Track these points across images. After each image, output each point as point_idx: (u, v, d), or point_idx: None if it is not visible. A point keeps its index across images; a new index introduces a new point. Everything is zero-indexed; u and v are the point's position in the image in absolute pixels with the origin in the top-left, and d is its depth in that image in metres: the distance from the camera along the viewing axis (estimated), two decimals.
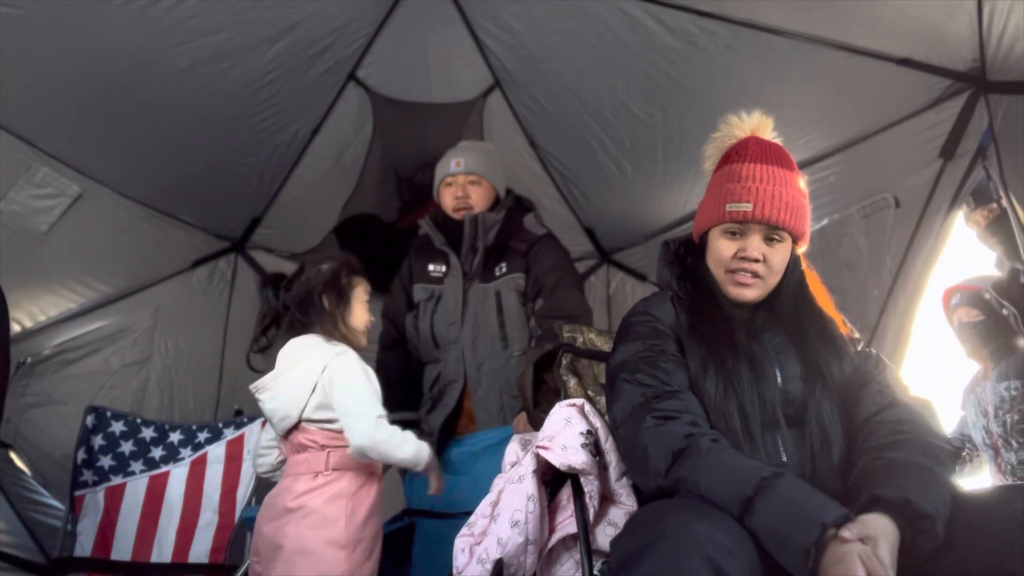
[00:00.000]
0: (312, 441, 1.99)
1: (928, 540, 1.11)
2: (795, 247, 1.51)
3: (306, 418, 1.99)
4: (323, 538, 1.88)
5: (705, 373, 1.40)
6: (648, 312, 1.53)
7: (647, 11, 2.67)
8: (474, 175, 2.74)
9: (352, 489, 1.97)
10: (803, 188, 1.51)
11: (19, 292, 2.98)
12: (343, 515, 1.92)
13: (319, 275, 2.13)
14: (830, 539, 1.06)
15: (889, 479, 1.18)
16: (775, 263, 1.45)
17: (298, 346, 2.06)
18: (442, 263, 2.73)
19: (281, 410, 2.00)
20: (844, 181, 2.93)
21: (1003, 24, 2.22)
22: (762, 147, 1.52)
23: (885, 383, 1.42)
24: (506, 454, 1.57)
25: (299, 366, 2.01)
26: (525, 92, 3.28)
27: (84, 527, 2.70)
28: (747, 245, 1.45)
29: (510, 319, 2.60)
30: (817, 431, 1.35)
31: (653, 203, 3.37)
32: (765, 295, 1.48)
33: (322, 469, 1.96)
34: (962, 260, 3.25)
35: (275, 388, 2.01)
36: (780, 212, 1.43)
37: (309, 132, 3.39)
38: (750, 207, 1.44)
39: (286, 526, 1.90)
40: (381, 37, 3.19)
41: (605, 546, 1.40)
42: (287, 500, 1.94)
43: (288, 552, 1.87)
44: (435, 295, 2.69)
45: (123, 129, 2.87)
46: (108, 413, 2.87)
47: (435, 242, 2.74)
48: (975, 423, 2.96)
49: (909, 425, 1.32)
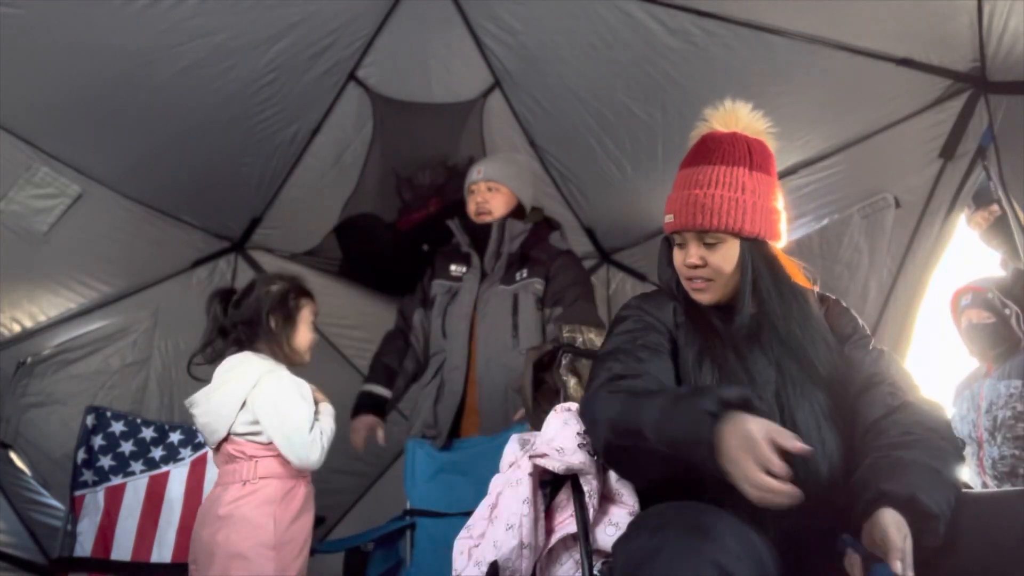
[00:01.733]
0: (240, 452, 2.08)
1: (930, 539, 1.11)
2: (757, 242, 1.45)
3: (234, 432, 2.08)
4: (253, 542, 1.99)
5: (700, 371, 1.40)
6: (641, 307, 1.53)
7: (647, 11, 2.67)
8: (493, 182, 2.91)
9: (279, 494, 2.07)
10: (754, 181, 1.44)
11: (19, 292, 2.99)
12: (271, 519, 2.03)
13: (268, 296, 2.20)
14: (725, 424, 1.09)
15: (896, 476, 1.17)
16: (717, 264, 1.44)
17: (233, 363, 2.13)
18: (463, 264, 2.91)
19: (211, 424, 2.09)
20: (844, 181, 2.93)
21: (1003, 24, 2.22)
22: (701, 147, 1.50)
23: (896, 384, 1.40)
24: (504, 454, 1.57)
25: (229, 383, 2.08)
26: (525, 92, 3.28)
27: (84, 527, 2.70)
28: (686, 253, 1.46)
29: (524, 319, 2.73)
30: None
31: (653, 203, 3.37)
32: (726, 296, 1.47)
33: (250, 478, 2.06)
34: (968, 261, 3.26)
35: (206, 404, 2.10)
36: (696, 216, 1.42)
37: (309, 132, 3.38)
38: (672, 218, 1.47)
39: (218, 533, 2.00)
40: (381, 37, 3.19)
41: (605, 546, 1.39)
42: (218, 508, 2.03)
43: (222, 557, 1.98)
44: (452, 291, 2.86)
45: (123, 129, 2.87)
46: (108, 413, 2.86)
47: (460, 243, 2.93)
48: (964, 416, 2.98)
49: (919, 427, 1.30)
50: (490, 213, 2.88)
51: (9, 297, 2.96)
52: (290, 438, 2.05)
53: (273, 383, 2.09)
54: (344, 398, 3.53)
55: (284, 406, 2.08)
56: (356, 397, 2.88)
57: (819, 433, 1.33)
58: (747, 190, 1.43)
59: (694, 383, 1.40)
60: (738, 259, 1.44)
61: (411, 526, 2.66)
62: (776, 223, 1.48)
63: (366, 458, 3.54)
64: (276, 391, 2.09)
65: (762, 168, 1.47)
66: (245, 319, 2.17)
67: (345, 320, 3.85)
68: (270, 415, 2.06)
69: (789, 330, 1.42)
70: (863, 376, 1.42)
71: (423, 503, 2.67)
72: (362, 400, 2.86)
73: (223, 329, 2.20)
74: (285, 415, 2.07)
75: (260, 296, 2.19)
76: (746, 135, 1.50)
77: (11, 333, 3.01)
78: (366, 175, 3.58)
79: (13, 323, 3.01)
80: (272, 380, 2.09)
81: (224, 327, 2.19)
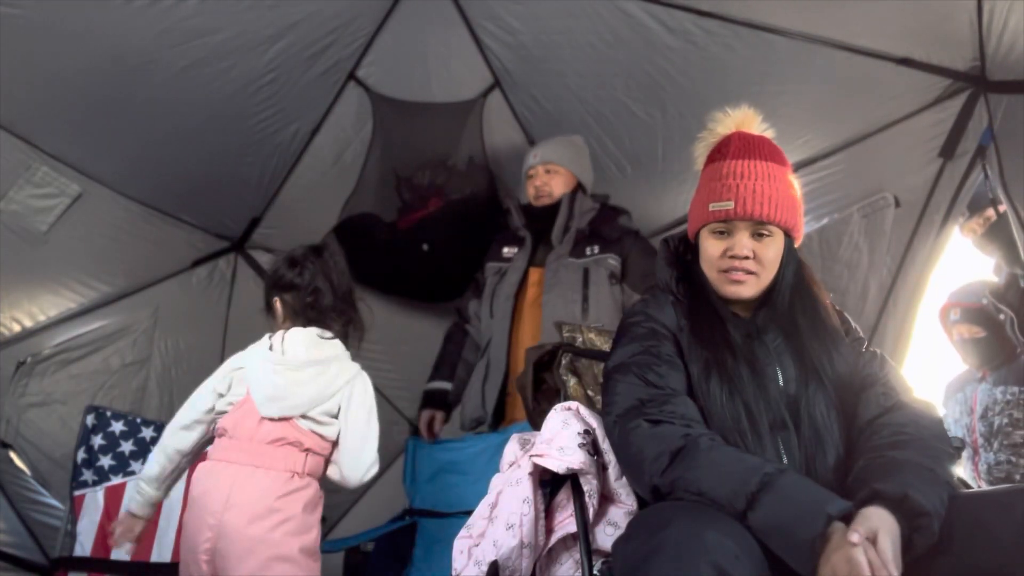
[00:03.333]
0: (298, 441, 1.90)
1: (924, 537, 1.11)
2: (792, 240, 1.49)
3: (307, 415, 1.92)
4: (300, 545, 1.82)
5: (708, 376, 1.40)
6: (646, 313, 1.52)
7: (647, 11, 2.67)
8: (550, 164, 2.89)
9: (319, 498, 1.94)
10: (792, 180, 1.49)
11: (19, 292, 2.99)
12: (316, 523, 1.89)
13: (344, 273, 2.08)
14: (833, 532, 1.06)
15: (889, 475, 1.18)
16: (766, 258, 1.44)
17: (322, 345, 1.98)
18: (516, 246, 2.89)
19: (291, 399, 1.89)
20: (844, 181, 2.93)
21: (1003, 24, 2.23)
22: (745, 141, 1.51)
23: (889, 385, 1.41)
24: (504, 454, 1.57)
25: (325, 370, 1.94)
26: (525, 92, 3.29)
27: (84, 527, 2.70)
28: (735, 243, 1.44)
29: (596, 293, 2.67)
30: (810, 432, 1.34)
31: (653, 203, 3.37)
32: (762, 291, 1.47)
33: (299, 470, 1.88)
34: (964, 266, 3.25)
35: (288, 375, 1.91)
36: (763, 206, 1.42)
37: (309, 132, 3.38)
38: (731, 204, 1.43)
39: (263, 524, 1.79)
40: (381, 37, 3.19)
41: (605, 546, 1.39)
42: (267, 499, 1.81)
43: (265, 555, 1.77)
44: (501, 271, 2.85)
45: (123, 129, 2.87)
46: (108, 413, 2.86)
47: (516, 222, 2.91)
48: (957, 420, 2.96)
49: (912, 427, 1.31)
50: (550, 195, 2.85)
51: (9, 297, 2.96)
52: (363, 450, 1.91)
53: (365, 386, 1.97)
54: None
55: (373, 418, 1.96)
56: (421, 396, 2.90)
57: (829, 423, 1.35)
58: (793, 189, 1.49)
59: (702, 388, 1.40)
60: (782, 256, 1.46)
61: (411, 526, 2.66)
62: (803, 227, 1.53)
63: None
64: (369, 398, 1.96)
65: (792, 174, 1.52)
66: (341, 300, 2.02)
67: None
68: (361, 420, 1.93)
69: (813, 327, 1.45)
70: (858, 377, 1.44)
71: (423, 503, 2.67)
72: (424, 398, 2.87)
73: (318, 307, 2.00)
74: (371, 426, 1.94)
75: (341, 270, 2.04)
76: None
77: (11, 333, 3.01)
78: (366, 175, 3.58)
79: (13, 323, 3.01)
80: (364, 383, 1.97)
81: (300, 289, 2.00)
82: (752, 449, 1.31)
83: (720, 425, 1.35)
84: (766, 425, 1.34)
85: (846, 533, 1.05)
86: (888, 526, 1.08)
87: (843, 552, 1.03)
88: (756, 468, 1.17)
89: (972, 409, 2.90)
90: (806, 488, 1.14)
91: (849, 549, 1.03)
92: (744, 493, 1.13)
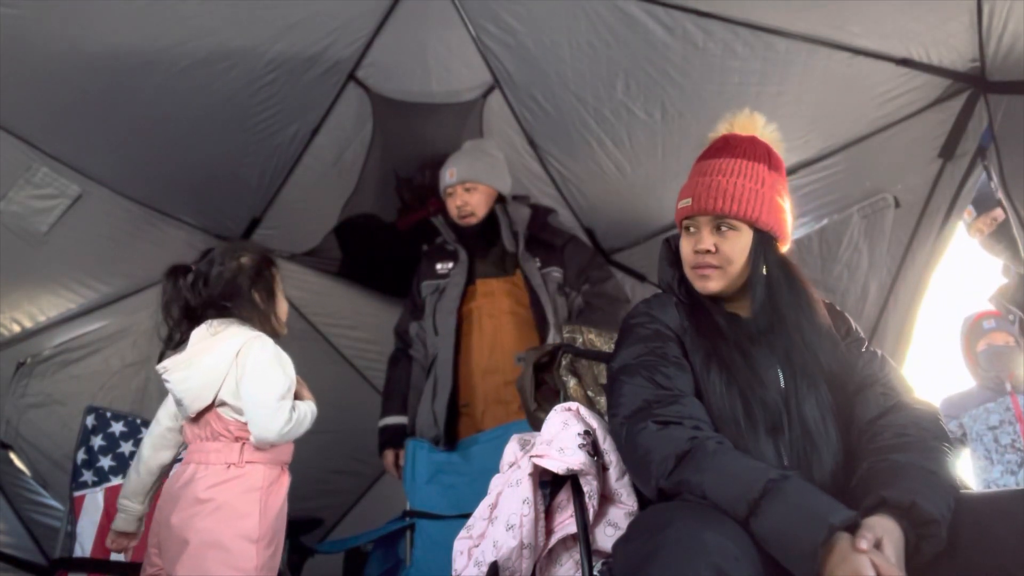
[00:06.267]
0: (226, 431, 1.93)
1: (932, 544, 1.11)
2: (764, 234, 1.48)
3: (220, 402, 1.93)
4: (235, 532, 1.83)
5: (708, 375, 1.40)
6: (649, 313, 1.53)
7: (647, 11, 2.67)
8: (468, 183, 2.92)
9: (265, 483, 1.92)
10: (770, 176, 1.49)
11: (19, 292, 2.99)
12: (256, 509, 1.87)
13: (244, 270, 2.06)
14: (837, 540, 1.06)
15: (894, 481, 1.18)
16: (728, 252, 1.46)
17: (216, 327, 1.98)
18: (450, 261, 2.91)
19: (195, 390, 1.92)
20: (844, 181, 2.93)
21: (1003, 24, 2.23)
22: (725, 142, 1.54)
23: (889, 385, 1.42)
24: (504, 454, 1.57)
25: (218, 345, 1.94)
26: (525, 92, 3.28)
27: (84, 527, 2.69)
28: (698, 238, 1.48)
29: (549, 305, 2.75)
30: (801, 433, 1.34)
31: (653, 203, 3.37)
32: (729, 286, 1.48)
33: (235, 460, 1.90)
34: (963, 266, 3.25)
35: (187, 368, 1.93)
36: (718, 201, 1.44)
37: (309, 132, 3.38)
38: (690, 201, 1.48)
39: (195, 518, 1.83)
40: (381, 37, 3.19)
41: (605, 546, 1.39)
42: (197, 491, 1.85)
43: (197, 546, 1.80)
44: (439, 288, 2.86)
45: (123, 129, 2.87)
46: (108, 413, 2.86)
47: (447, 240, 2.95)
48: (998, 428, 2.90)
49: (913, 428, 1.32)
50: (473, 215, 2.89)
51: (9, 297, 2.96)
52: (258, 402, 1.89)
53: (258, 347, 1.95)
54: (344, 398, 3.55)
55: (269, 371, 1.93)
56: (377, 434, 2.88)
57: (824, 426, 1.35)
58: (766, 184, 1.48)
59: (703, 387, 1.40)
60: (749, 250, 1.46)
61: (411, 527, 2.66)
62: (786, 224, 1.52)
63: (366, 459, 3.54)
64: (262, 355, 1.94)
65: (778, 170, 1.52)
66: (224, 295, 2.01)
67: (345, 320, 3.85)
68: (250, 378, 1.91)
69: (798, 322, 1.44)
70: (857, 377, 1.44)
71: (423, 505, 2.66)
72: (381, 436, 2.86)
73: (190, 310, 2.01)
74: (269, 380, 1.92)
75: (233, 270, 2.04)
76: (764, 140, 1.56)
77: (11, 333, 3.01)
78: (366, 175, 3.58)
79: (13, 323, 3.01)
80: (258, 344, 1.95)
81: (193, 307, 2.01)
82: (749, 450, 1.31)
83: (719, 425, 1.35)
84: (763, 427, 1.34)
85: (851, 543, 1.05)
86: (892, 535, 1.08)
87: (849, 562, 1.03)
88: (761, 474, 1.16)
89: (1018, 416, 2.86)
90: (810, 496, 1.14)
91: (855, 557, 1.02)
92: (747, 499, 1.13)
